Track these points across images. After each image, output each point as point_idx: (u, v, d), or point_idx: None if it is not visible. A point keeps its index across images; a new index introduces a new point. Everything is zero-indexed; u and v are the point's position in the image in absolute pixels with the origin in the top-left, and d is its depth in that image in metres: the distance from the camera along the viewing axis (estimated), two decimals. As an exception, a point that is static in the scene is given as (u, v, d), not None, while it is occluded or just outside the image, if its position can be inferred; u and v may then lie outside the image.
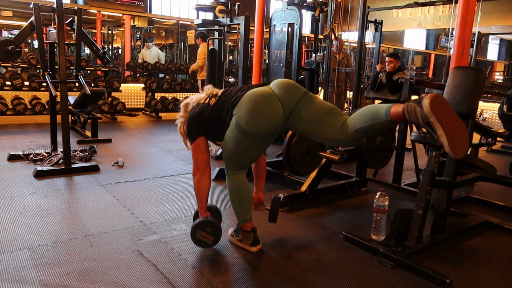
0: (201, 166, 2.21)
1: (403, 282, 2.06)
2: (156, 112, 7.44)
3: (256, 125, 1.99)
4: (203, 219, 2.24)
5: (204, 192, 2.23)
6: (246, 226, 2.27)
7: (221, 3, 5.28)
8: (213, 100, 2.18)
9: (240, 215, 2.26)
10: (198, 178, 2.22)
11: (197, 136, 2.20)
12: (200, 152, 2.21)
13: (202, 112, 2.18)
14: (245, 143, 2.06)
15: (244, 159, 2.17)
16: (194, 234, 2.21)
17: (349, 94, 6.66)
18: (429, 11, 11.89)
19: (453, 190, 2.56)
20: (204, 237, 2.21)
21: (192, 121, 2.21)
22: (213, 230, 2.22)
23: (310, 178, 3.20)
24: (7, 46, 3.60)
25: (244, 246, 2.33)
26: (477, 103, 2.54)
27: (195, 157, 2.23)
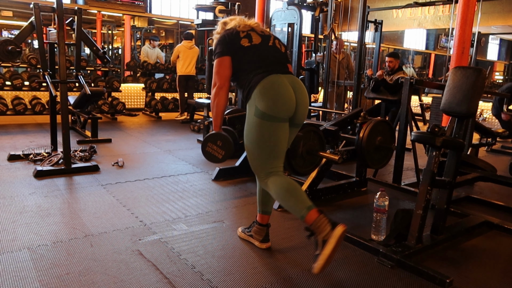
0: (221, 81, 2.13)
1: (403, 282, 2.06)
2: (156, 112, 7.44)
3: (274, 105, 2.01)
4: (215, 132, 2.18)
5: (220, 107, 2.16)
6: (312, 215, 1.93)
7: (221, 3, 5.29)
8: (246, 42, 2.13)
9: (300, 208, 1.98)
10: (216, 93, 2.14)
11: (224, 54, 2.12)
12: (223, 67, 2.12)
13: (233, 39, 2.13)
14: (266, 128, 2.03)
15: (271, 147, 2.08)
16: (205, 147, 2.17)
17: (349, 94, 6.65)
18: (429, 11, 11.89)
19: (453, 190, 2.56)
20: (215, 150, 2.16)
21: (223, 38, 2.15)
22: (224, 144, 2.16)
23: (310, 178, 3.20)
24: (7, 46, 3.60)
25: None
26: (477, 103, 2.55)
27: (217, 70, 2.14)
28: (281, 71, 2.12)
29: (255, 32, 2.18)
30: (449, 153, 2.55)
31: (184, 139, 5.59)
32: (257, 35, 2.17)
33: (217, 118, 2.18)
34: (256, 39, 2.16)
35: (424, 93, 10.85)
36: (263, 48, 2.16)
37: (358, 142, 3.10)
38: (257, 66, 2.10)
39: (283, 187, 2.06)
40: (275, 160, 2.11)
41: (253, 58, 2.12)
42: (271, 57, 2.17)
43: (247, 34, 2.14)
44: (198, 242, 2.40)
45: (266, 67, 2.10)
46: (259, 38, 2.17)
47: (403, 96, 3.54)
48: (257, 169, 2.14)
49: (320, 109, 5.49)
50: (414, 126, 4.07)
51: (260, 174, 2.14)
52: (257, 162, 2.13)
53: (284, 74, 2.12)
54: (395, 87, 4.82)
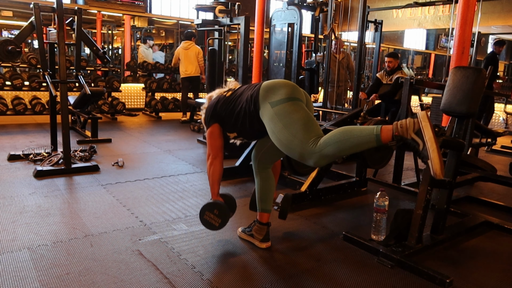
0: (214, 151, 2.28)
1: (403, 282, 2.06)
2: (156, 112, 7.44)
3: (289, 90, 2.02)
4: (212, 201, 2.29)
5: (216, 176, 2.29)
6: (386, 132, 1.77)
7: (221, 3, 5.29)
8: (229, 92, 2.28)
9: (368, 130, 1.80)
10: (211, 163, 2.29)
11: (211, 123, 2.27)
12: (214, 138, 2.27)
13: (218, 101, 2.27)
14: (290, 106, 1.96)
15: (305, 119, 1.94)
16: (202, 215, 2.28)
17: (349, 94, 6.66)
18: (429, 11, 11.89)
19: (453, 190, 2.56)
20: (212, 218, 2.26)
21: (209, 109, 2.31)
22: (221, 213, 2.25)
23: (310, 178, 3.20)
24: (7, 46, 3.60)
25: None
26: (477, 103, 2.54)
27: (209, 142, 2.30)
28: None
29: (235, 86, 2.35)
30: (449, 153, 2.55)
31: (184, 139, 5.59)
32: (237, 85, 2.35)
33: (214, 186, 2.31)
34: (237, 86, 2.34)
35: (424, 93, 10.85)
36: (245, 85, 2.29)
37: (358, 142, 3.09)
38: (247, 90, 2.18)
39: (339, 132, 1.84)
40: (313, 127, 1.94)
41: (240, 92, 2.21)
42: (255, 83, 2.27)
43: (228, 90, 2.31)
44: (198, 242, 2.40)
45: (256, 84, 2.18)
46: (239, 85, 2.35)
47: (403, 96, 3.54)
48: (302, 145, 1.88)
49: (320, 109, 5.49)
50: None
51: (308, 149, 1.87)
52: (299, 139, 1.89)
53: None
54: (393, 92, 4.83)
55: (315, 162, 1.89)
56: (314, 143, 1.86)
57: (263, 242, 2.34)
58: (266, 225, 2.36)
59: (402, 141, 1.77)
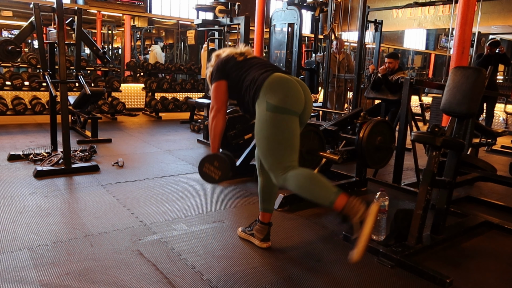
0: (218, 104, 2.22)
1: (403, 282, 2.06)
2: (156, 112, 7.44)
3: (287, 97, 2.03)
4: (212, 153, 2.21)
5: (218, 129, 2.22)
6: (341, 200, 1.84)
7: (221, 3, 5.29)
8: (241, 58, 2.25)
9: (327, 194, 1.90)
10: (214, 116, 2.22)
11: (220, 79, 2.23)
12: (220, 91, 2.23)
13: (228, 61, 2.25)
14: (280, 121, 2.01)
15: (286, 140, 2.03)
16: (202, 168, 2.19)
17: (349, 94, 6.66)
18: (429, 11, 11.89)
19: (453, 190, 2.56)
20: (211, 171, 2.17)
21: (217, 65, 2.27)
22: (221, 165, 2.16)
23: (310, 178, 3.20)
24: (7, 46, 3.60)
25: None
26: (477, 103, 2.54)
27: (214, 95, 2.24)
28: (284, 72, 2.18)
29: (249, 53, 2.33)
30: (449, 153, 2.55)
31: (184, 139, 5.59)
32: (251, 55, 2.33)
33: (215, 140, 2.24)
34: (250, 55, 2.32)
35: (424, 93, 10.85)
36: (259, 59, 2.28)
37: (358, 142, 3.10)
38: (258, 68, 2.16)
39: (306, 177, 1.98)
40: (292, 154, 2.04)
41: (251, 65, 2.21)
42: (269, 63, 2.27)
43: (241, 53, 2.29)
44: (198, 242, 2.40)
45: (268, 68, 2.16)
46: (252, 55, 2.33)
47: (403, 96, 3.54)
48: (273, 165, 2.04)
49: (320, 109, 5.49)
50: (414, 126, 4.07)
51: (277, 171, 2.03)
52: (273, 159, 2.04)
53: (288, 74, 2.17)
54: (396, 85, 4.82)
55: (276, 183, 2.12)
56: (283, 172, 2.02)
57: (264, 241, 2.34)
58: (268, 225, 2.35)
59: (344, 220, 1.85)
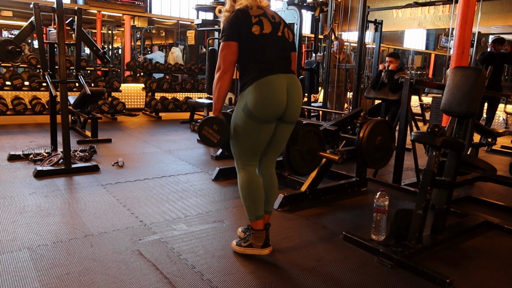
0: (226, 65, 2.07)
1: (403, 282, 2.06)
2: (156, 112, 7.44)
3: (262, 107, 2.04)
4: (213, 115, 2.16)
5: (222, 92, 2.11)
6: (258, 224, 2.21)
7: (221, 3, 5.28)
8: (257, 29, 2.06)
9: (252, 211, 2.21)
10: (220, 77, 2.09)
11: (232, 39, 2.06)
12: (230, 52, 2.06)
13: (243, 22, 2.05)
14: (250, 126, 2.09)
15: (250, 144, 2.16)
16: (201, 130, 2.17)
17: (349, 94, 6.66)
18: (429, 11, 11.88)
19: (453, 190, 2.56)
20: (210, 134, 2.17)
21: (232, 20, 2.07)
22: (220, 129, 2.14)
23: (310, 178, 3.20)
24: (7, 46, 3.59)
25: (254, 252, 2.23)
26: (477, 103, 2.54)
27: (222, 54, 2.07)
28: (283, 70, 2.11)
29: (267, 19, 2.10)
30: (449, 153, 2.55)
31: (184, 139, 5.59)
32: (269, 22, 2.10)
33: (218, 101, 2.13)
34: (267, 27, 2.08)
35: (424, 93, 10.85)
36: (273, 40, 2.10)
37: (358, 142, 3.10)
38: (261, 60, 2.07)
39: (251, 185, 2.20)
40: (252, 156, 2.20)
41: (260, 49, 2.07)
42: (278, 51, 2.12)
43: (259, 20, 2.06)
44: (198, 242, 2.40)
45: (270, 63, 2.08)
46: (270, 26, 2.10)
47: (403, 96, 3.54)
48: (235, 156, 2.24)
49: (320, 109, 5.49)
50: (414, 126, 4.07)
51: (237, 161, 2.24)
52: (236, 151, 2.22)
53: (285, 74, 2.11)
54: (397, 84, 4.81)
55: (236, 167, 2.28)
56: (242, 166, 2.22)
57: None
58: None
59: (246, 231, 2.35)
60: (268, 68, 2.07)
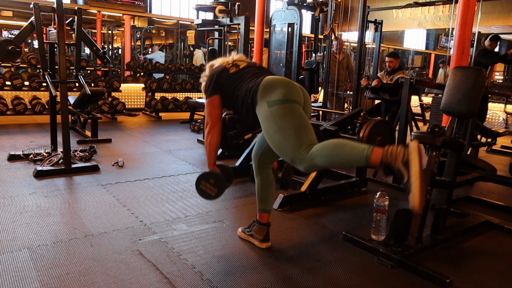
0: (212, 120, 2.22)
1: (403, 282, 2.06)
2: (156, 112, 7.44)
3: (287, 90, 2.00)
4: (209, 170, 2.25)
5: (213, 145, 2.24)
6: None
7: (221, 3, 5.28)
8: (233, 69, 2.22)
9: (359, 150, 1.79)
10: (208, 132, 2.24)
11: (213, 93, 2.22)
12: (213, 106, 2.22)
13: (221, 74, 2.22)
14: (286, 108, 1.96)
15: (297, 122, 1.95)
16: (199, 185, 2.23)
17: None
18: (429, 11, 11.89)
19: (453, 190, 2.56)
20: (208, 188, 2.21)
21: (210, 78, 2.26)
22: (217, 182, 2.20)
23: (310, 178, 3.20)
24: (7, 46, 3.59)
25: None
26: (477, 103, 2.55)
27: (208, 110, 2.24)
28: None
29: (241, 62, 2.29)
30: (449, 153, 2.55)
31: (184, 139, 5.59)
32: (243, 62, 2.28)
33: (210, 155, 2.27)
34: (243, 65, 2.26)
35: (424, 93, 10.85)
36: (252, 68, 2.24)
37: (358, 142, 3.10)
38: (250, 77, 2.15)
39: (332, 145, 1.85)
40: (308, 133, 1.95)
41: (244, 75, 2.18)
42: (262, 69, 2.26)
43: (233, 64, 2.26)
44: (198, 242, 2.40)
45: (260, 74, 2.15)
46: (245, 63, 2.28)
47: (403, 96, 3.54)
48: (294, 151, 1.90)
49: (320, 109, 5.49)
50: (414, 126, 4.07)
51: (300, 154, 1.88)
52: (292, 145, 1.91)
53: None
54: (394, 89, 4.82)
55: (305, 169, 1.92)
56: (306, 151, 1.87)
57: (263, 242, 2.34)
58: (266, 225, 2.35)
59: (388, 169, 1.75)
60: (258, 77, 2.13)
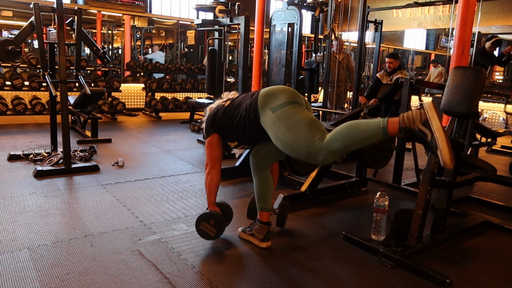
0: (212, 161, 2.32)
1: (403, 282, 2.06)
2: (156, 112, 7.44)
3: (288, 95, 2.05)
4: (209, 211, 2.33)
5: (213, 186, 2.33)
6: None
7: (221, 3, 5.28)
8: (228, 102, 2.30)
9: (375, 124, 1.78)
10: (208, 172, 2.34)
11: (210, 133, 2.31)
12: (212, 148, 2.31)
13: (217, 111, 2.31)
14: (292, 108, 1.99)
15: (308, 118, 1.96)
16: (198, 225, 2.32)
17: (349, 94, 6.65)
18: (429, 11, 11.89)
19: (453, 190, 2.56)
20: (207, 228, 2.30)
21: (208, 119, 2.35)
22: (216, 223, 2.29)
23: (310, 178, 3.20)
24: (7, 46, 3.59)
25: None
26: (477, 103, 2.55)
27: (208, 152, 2.33)
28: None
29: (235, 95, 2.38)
30: (449, 153, 2.54)
31: (184, 139, 5.59)
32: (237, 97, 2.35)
33: (210, 195, 2.35)
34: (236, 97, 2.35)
35: (424, 93, 10.85)
36: (245, 94, 2.30)
37: (358, 142, 3.09)
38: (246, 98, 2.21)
39: (345, 127, 1.83)
40: (318, 125, 1.95)
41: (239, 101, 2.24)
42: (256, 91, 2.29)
43: (228, 99, 2.35)
44: (198, 242, 2.40)
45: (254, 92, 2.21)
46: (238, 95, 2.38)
47: (403, 96, 3.54)
48: (308, 143, 1.88)
49: (320, 109, 5.49)
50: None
51: (315, 146, 1.86)
52: (304, 138, 1.90)
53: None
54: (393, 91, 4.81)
55: (324, 159, 1.88)
56: (321, 140, 1.85)
57: (264, 241, 2.35)
58: (267, 224, 2.36)
59: (409, 133, 1.73)
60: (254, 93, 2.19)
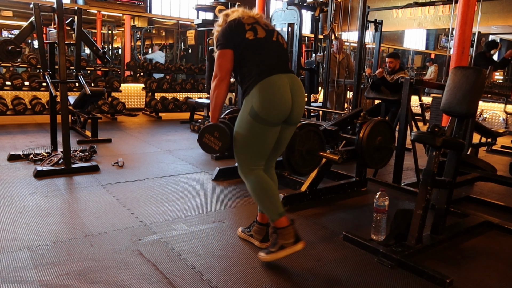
0: (222, 73, 2.10)
1: (403, 282, 2.06)
2: (156, 112, 7.44)
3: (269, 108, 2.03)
4: (213, 123, 2.16)
5: (219, 100, 2.12)
6: (282, 222, 2.09)
7: (221, 3, 5.29)
8: (251, 35, 2.09)
9: (273, 211, 2.11)
10: (216, 85, 2.11)
11: (226, 47, 2.09)
12: (225, 60, 2.09)
13: (236, 30, 2.10)
14: (257, 129, 2.07)
15: (257, 147, 2.13)
16: (202, 138, 2.16)
17: (349, 94, 6.65)
18: (429, 11, 11.89)
19: (453, 190, 2.56)
20: (211, 141, 2.15)
21: (226, 30, 2.12)
22: (221, 136, 2.13)
23: (310, 178, 3.20)
24: (7, 46, 3.59)
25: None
26: (477, 103, 2.55)
27: (218, 62, 2.10)
28: (283, 70, 2.12)
29: (260, 26, 2.14)
30: (449, 153, 2.55)
31: (184, 139, 5.59)
32: (262, 28, 2.14)
33: (216, 109, 2.15)
34: (261, 32, 2.12)
35: (424, 93, 10.85)
36: (268, 43, 2.13)
37: (358, 142, 3.10)
38: (260, 62, 2.09)
39: (262, 186, 2.15)
40: (259, 159, 2.18)
41: (256, 52, 2.10)
42: (275, 53, 2.15)
43: (252, 27, 2.11)
44: (198, 242, 2.40)
45: (269, 65, 2.09)
46: (264, 32, 2.14)
47: (403, 96, 3.54)
48: (241, 161, 2.20)
49: (320, 109, 5.49)
50: (414, 126, 4.07)
51: (242, 167, 2.20)
52: (242, 156, 2.18)
53: (285, 74, 2.11)
54: (395, 86, 4.81)
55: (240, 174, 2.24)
56: (248, 170, 2.17)
57: (263, 242, 2.34)
58: (266, 225, 2.35)
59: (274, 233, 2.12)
60: (268, 69, 2.07)
